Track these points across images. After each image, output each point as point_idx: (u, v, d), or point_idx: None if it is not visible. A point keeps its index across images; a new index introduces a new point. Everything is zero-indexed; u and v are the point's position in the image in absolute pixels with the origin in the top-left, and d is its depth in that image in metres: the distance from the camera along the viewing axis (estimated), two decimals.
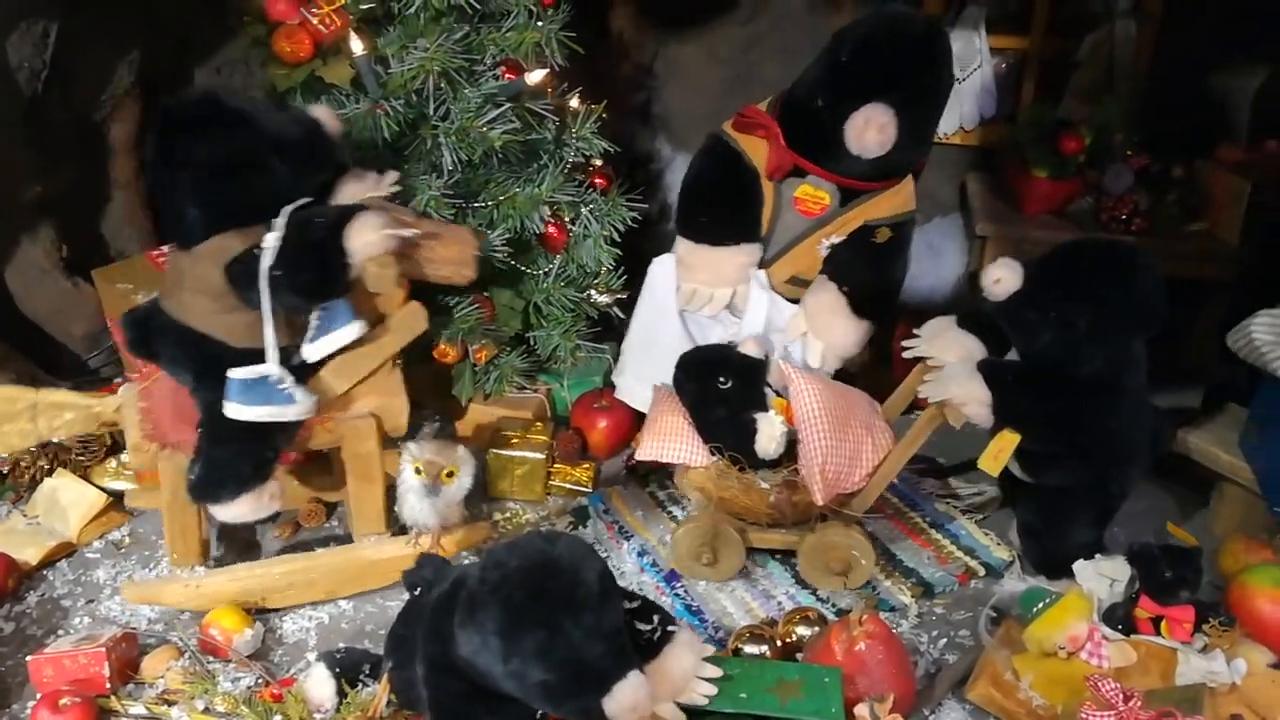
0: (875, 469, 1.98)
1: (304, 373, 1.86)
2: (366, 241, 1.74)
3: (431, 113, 2.03)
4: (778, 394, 2.07)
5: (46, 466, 2.26)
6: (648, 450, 2.03)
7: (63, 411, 1.93)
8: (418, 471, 1.94)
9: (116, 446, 2.36)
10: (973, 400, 1.86)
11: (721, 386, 2.00)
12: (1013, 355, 1.96)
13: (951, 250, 3.01)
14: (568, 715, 1.50)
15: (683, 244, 2.32)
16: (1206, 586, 1.94)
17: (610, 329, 2.49)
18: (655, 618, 1.60)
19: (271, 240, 1.73)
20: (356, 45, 1.93)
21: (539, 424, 2.34)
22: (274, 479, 1.93)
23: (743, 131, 2.25)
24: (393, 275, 1.86)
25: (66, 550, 2.14)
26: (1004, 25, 2.92)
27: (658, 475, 2.36)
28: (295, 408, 1.83)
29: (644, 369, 2.33)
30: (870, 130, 2.08)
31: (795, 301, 2.35)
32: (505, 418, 2.34)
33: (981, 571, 2.12)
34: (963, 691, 1.81)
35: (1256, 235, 2.42)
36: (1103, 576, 1.84)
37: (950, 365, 1.91)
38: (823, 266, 2.30)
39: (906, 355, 2.01)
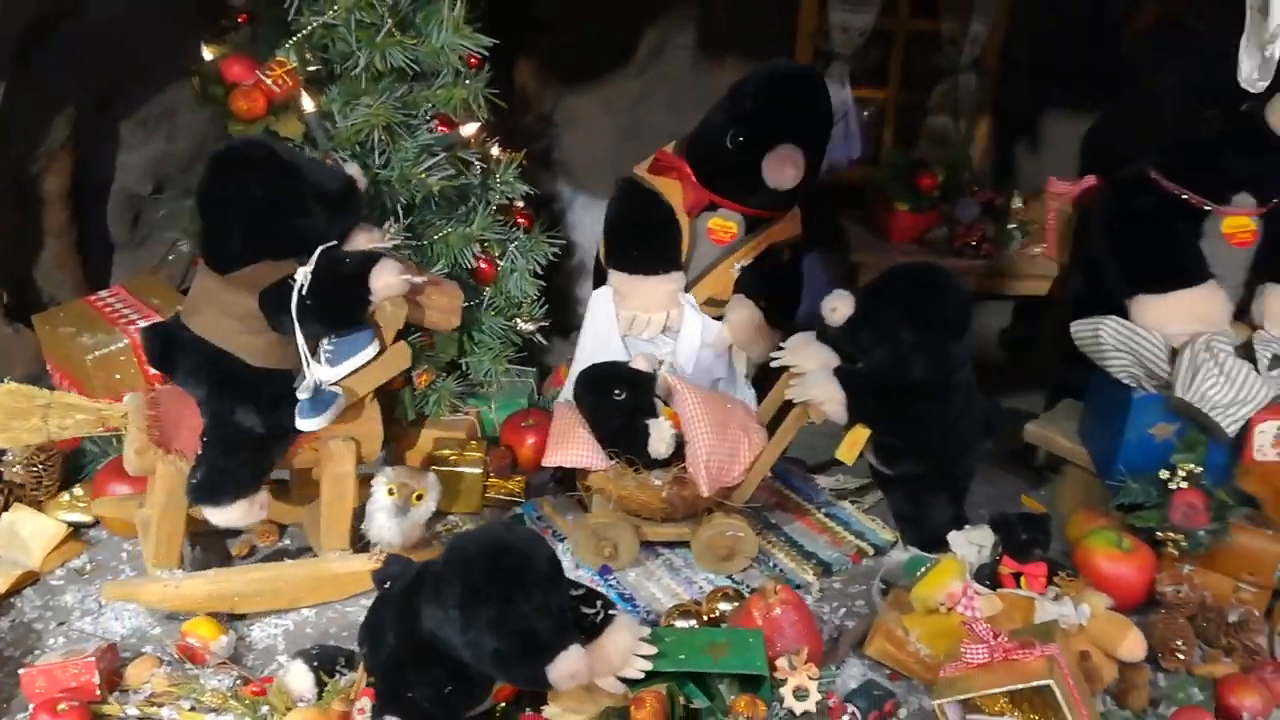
0: (752, 464, 2.28)
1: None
2: (387, 284, 2.01)
3: (374, 162, 2.25)
4: (664, 403, 2.35)
5: (1, 502, 2.37)
6: (553, 457, 2.29)
7: (73, 413, 2.10)
8: (391, 493, 2.17)
9: (69, 480, 2.49)
10: (830, 400, 2.19)
11: (616, 398, 2.27)
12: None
13: (824, 278, 3.35)
14: (516, 681, 1.75)
15: (617, 277, 2.62)
16: (1055, 551, 2.31)
17: (534, 355, 2.74)
18: (598, 603, 1.85)
19: (304, 274, 1.97)
20: (308, 103, 2.15)
21: (473, 442, 2.56)
22: (264, 489, 2.13)
23: (657, 174, 2.56)
24: (403, 315, 2.12)
25: (30, 579, 2.26)
26: (865, 79, 3.30)
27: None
28: (342, 399, 2.07)
29: None
30: (787, 167, 2.43)
31: (716, 319, 2.66)
32: (442, 438, 2.56)
33: (871, 551, 2.45)
34: (862, 649, 2.12)
35: (1082, 257, 2.83)
36: (971, 543, 2.18)
37: (811, 372, 2.24)
38: (735, 287, 2.63)
39: (774, 365, 2.34)
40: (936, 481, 2.32)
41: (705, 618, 2.13)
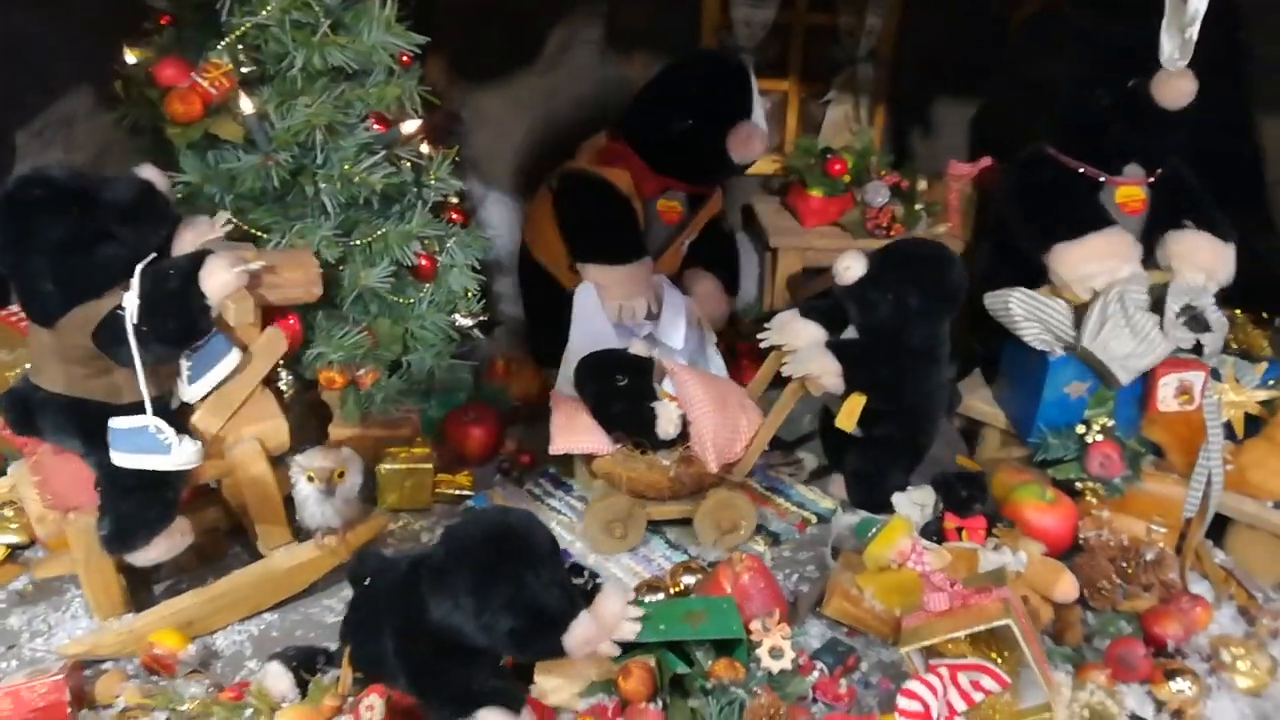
0: (751, 440, 2.38)
1: (185, 414, 2.01)
2: (221, 282, 1.88)
3: (313, 162, 2.23)
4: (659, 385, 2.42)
5: None
6: (560, 445, 2.33)
7: None
8: (310, 479, 2.15)
9: None
10: (828, 373, 2.30)
11: (619, 384, 2.33)
12: (846, 335, 2.41)
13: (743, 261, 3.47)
14: (532, 656, 1.79)
15: (595, 270, 2.70)
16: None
17: (471, 350, 2.75)
18: (585, 573, 1.91)
19: (131, 299, 1.84)
20: (246, 104, 2.12)
21: (419, 439, 2.57)
22: (181, 516, 2.04)
23: (606, 165, 2.63)
24: (250, 307, 2.03)
25: None
26: (767, 71, 3.42)
27: (531, 473, 2.66)
28: (171, 458, 1.93)
29: None
30: (755, 141, 2.64)
31: None
32: (386, 437, 2.56)
33: (814, 520, 2.57)
34: (820, 610, 2.22)
35: (990, 232, 3.01)
36: (914, 503, 2.32)
37: (804, 348, 2.34)
38: (684, 262, 2.78)
39: (763, 345, 2.42)
40: (901, 447, 2.45)
41: (671, 591, 2.20)
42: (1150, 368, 2.44)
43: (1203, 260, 2.49)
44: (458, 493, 2.55)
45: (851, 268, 2.30)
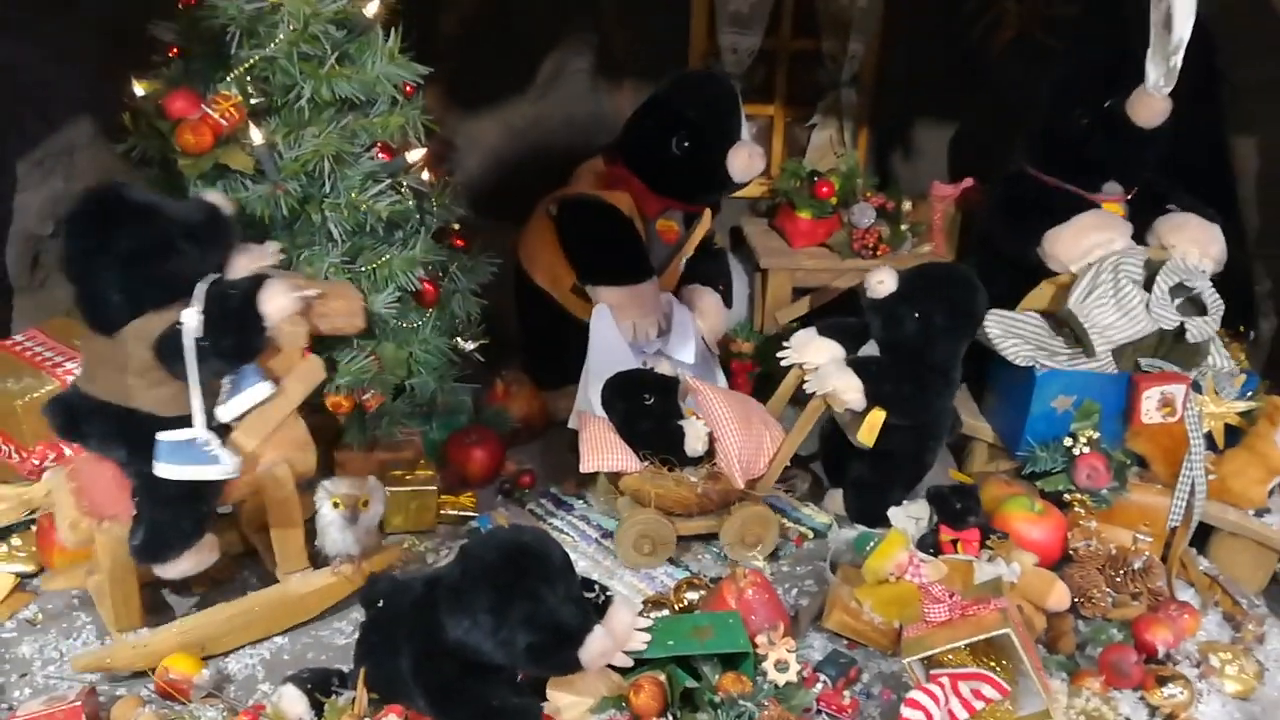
0: (774, 456, 2.44)
1: (222, 433, 2.04)
2: (279, 305, 1.96)
3: (321, 191, 2.27)
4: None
5: None
6: (590, 463, 2.39)
7: None
8: (336, 505, 2.19)
9: (4, 532, 2.40)
10: (850, 389, 2.37)
11: (646, 403, 2.39)
12: (863, 351, 2.48)
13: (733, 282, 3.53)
14: (550, 670, 1.83)
15: (607, 292, 2.76)
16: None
17: (474, 373, 2.80)
18: (596, 587, 1.95)
19: (192, 314, 1.91)
20: (256, 135, 2.17)
21: (422, 461, 2.61)
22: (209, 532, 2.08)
23: (608, 189, 2.71)
24: (304, 332, 2.10)
25: None
26: (753, 96, 3.49)
27: (532, 493, 2.70)
28: (219, 468, 1.99)
29: None
30: (755, 159, 2.74)
31: None
32: (390, 460, 2.59)
33: (811, 535, 2.62)
34: (820, 623, 2.28)
35: (973, 251, 3.10)
36: (910, 517, 2.38)
37: (826, 365, 2.41)
38: (681, 280, 2.93)
39: (784, 363, 2.49)
40: (907, 463, 2.51)
41: (676, 608, 2.25)
42: (1128, 342, 2.51)
43: (1195, 235, 2.56)
44: (461, 514, 2.59)
45: (885, 282, 2.37)
